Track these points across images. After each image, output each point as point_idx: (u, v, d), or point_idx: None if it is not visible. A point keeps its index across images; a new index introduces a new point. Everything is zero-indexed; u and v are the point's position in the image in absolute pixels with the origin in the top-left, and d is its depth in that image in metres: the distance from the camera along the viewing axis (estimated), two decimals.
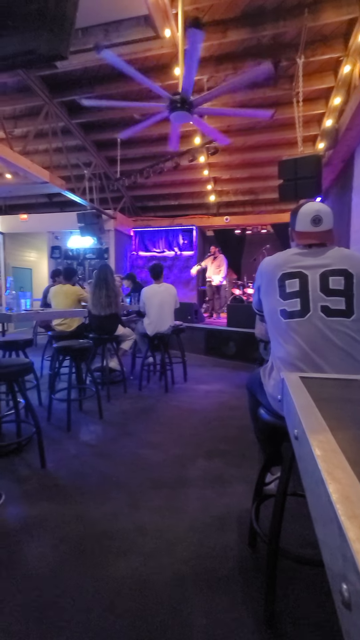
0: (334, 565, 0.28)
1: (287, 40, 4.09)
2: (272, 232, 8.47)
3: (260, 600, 1.16)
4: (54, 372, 3.14)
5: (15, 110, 5.56)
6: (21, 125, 5.72)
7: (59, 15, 2.29)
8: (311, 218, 1.30)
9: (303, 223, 1.32)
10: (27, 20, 2.26)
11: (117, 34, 3.79)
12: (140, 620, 1.10)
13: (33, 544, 1.43)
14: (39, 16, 2.26)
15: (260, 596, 1.17)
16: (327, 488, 0.32)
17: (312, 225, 1.30)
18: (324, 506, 0.32)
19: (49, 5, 2.26)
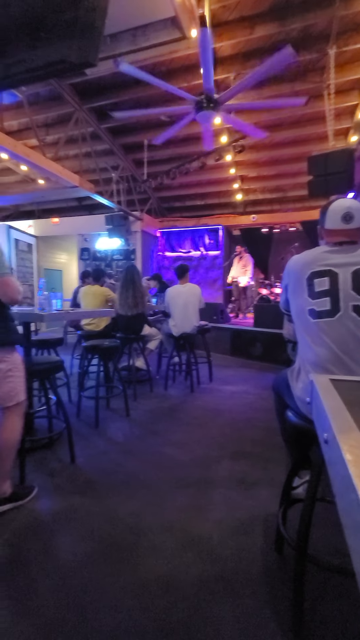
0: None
1: (317, 31, 3.96)
2: (300, 230, 8.24)
3: (287, 607, 1.13)
4: (83, 370, 3.24)
5: (47, 118, 5.79)
6: (53, 132, 5.95)
7: (89, 24, 2.36)
8: (342, 215, 1.25)
9: (333, 220, 1.28)
10: (58, 30, 2.35)
11: (144, 38, 3.85)
12: (166, 617, 1.11)
13: (64, 536, 1.49)
14: (70, 26, 2.33)
15: (286, 603, 1.15)
16: (359, 494, 0.31)
17: (343, 223, 1.25)
18: (355, 513, 0.31)
19: (80, 15, 2.33)
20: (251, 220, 8.17)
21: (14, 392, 1.65)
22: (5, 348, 1.63)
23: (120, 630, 1.07)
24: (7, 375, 1.62)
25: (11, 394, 1.64)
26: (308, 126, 5.64)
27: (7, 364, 1.63)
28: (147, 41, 3.87)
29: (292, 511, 1.40)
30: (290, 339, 1.57)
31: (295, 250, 7.61)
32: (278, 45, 4.17)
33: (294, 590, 1.07)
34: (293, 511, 1.40)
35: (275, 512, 1.41)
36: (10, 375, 1.63)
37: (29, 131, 5.77)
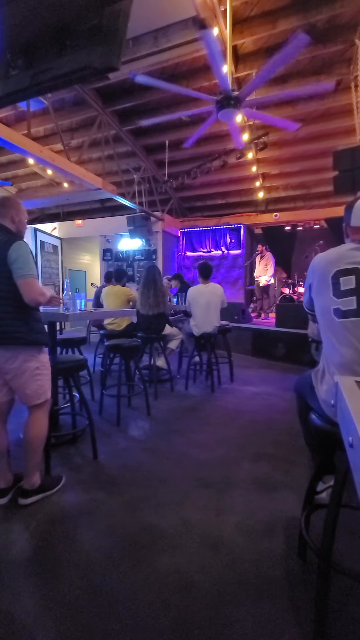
0: None
1: (344, 21, 3.83)
2: (325, 227, 7.99)
3: (309, 614, 1.10)
4: (105, 368, 3.30)
5: (72, 122, 5.94)
6: (77, 136, 6.10)
7: (112, 30, 2.40)
8: None
9: (359, 217, 1.23)
10: (84, 37, 2.40)
11: (165, 39, 3.86)
12: (186, 615, 1.11)
13: (87, 528, 1.52)
14: (95, 32, 2.38)
15: (309, 610, 1.12)
16: None
17: None
18: None
19: (104, 21, 2.37)
20: (273, 219, 8.02)
21: (42, 390, 1.71)
22: (34, 348, 1.69)
23: (140, 623, 1.08)
24: (35, 373, 1.68)
25: (39, 392, 1.70)
26: (334, 120, 5.47)
27: (35, 362, 1.68)
28: (168, 42, 3.89)
29: (316, 516, 1.37)
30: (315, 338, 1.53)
31: (319, 249, 7.40)
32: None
33: (317, 598, 1.05)
34: (316, 516, 1.37)
35: (298, 517, 1.38)
36: (38, 374, 1.69)
37: (55, 136, 5.94)
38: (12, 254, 1.58)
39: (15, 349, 1.63)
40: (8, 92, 2.41)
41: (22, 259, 1.58)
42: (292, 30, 3.98)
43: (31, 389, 1.67)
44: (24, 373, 1.65)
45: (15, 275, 1.57)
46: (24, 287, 1.58)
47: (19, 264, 1.57)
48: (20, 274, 1.57)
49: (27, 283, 1.58)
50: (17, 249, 1.59)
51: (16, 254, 1.58)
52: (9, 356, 1.63)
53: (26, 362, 1.65)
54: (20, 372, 1.64)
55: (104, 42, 2.41)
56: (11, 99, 2.53)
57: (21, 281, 1.57)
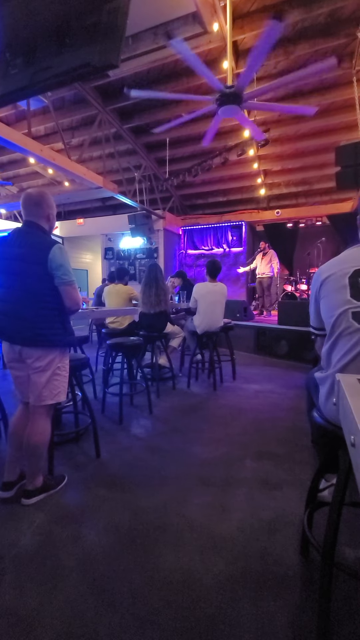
0: None
1: (346, 15, 3.79)
2: (327, 224, 7.95)
3: (311, 612, 1.10)
4: (108, 367, 3.30)
5: (72, 121, 5.93)
6: (78, 135, 6.09)
7: (111, 27, 2.38)
8: None
9: None
10: (82, 35, 2.39)
11: (165, 35, 3.84)
12: (188, 613, 1.11)
13: (89, 526, 1.53)
14: (94, 30, 2.37)
15: (312, 609, 1.12)
16: None
17: None
18: None
19: (102, 19, 2.36)
20: (275, 215, 7.98)
21: (57, 391, 1.71)
22: (62, 348, 1.73)
23: (142, 621, 1.09)
24: (56, 373, 1.70)
25: (54, 392, 1.70)
26: (336, 115, 5.43)
27: (59, 361, 1.71)
28: (168, 39, 3.86)
29: (318, 514, 1.36)
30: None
31: (321, 245, 7.37)
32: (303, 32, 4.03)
33: (319, 596, 1.04)
34: (319, 514, 1.36)
35: (300, 515, 1.37)
36: (58, 374, 1.71)
37: (55, 135, 5.94)
38: (54, 260, 1.62)
39: (47, 349, 1.67)
40: (8, 91, 2.40)
41: (67, 265, 1.66)
42: (293, 25, 3.96)
43: (48, 389, 1.68)
44: (47, 371, 1.67)
45: (60, 282, 1.64)
46: (69, 293, 1.66)
47: (64, 270, 1.63)
48: (66, 280, 1.64)
49: (73, 289, 1.67)
50: (60, 255, 1.64)
51: (60, 260, 1.63)
52: (39, 354, 1.66)
53: (53, 361, 1.68)
54: (44, 370, 1.66)
55: (103, 40, 2.40)
56: (11, 98, 2.52)
57: (67, 287, 1.66)
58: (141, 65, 4.35)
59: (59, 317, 1.69)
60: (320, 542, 1.11)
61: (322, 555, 1.05)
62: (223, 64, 4.27)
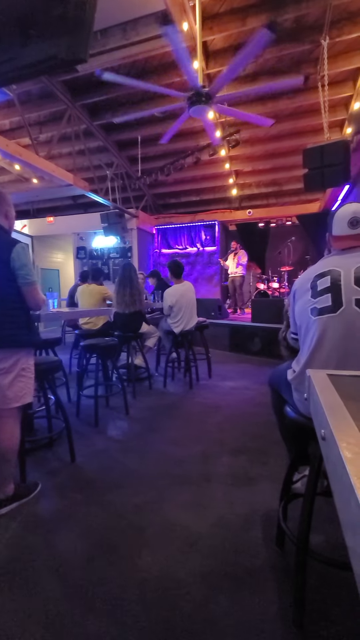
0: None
1: (311, 21, 3.92)
2: (297, 223, 8.21)
3: (289, 601, 1.14)
4: (82, 369, 3.23)
5: (39, 116, 5.73)
6: (46, 130, 5.89)
7: (79, 20, 2.32)
8: (348, 220, 1.23)
9: (340, 226, 1.26)
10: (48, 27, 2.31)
11: (135, 32, 3.80)
12: (167, 612, 1.11)
13: (65, 533, 1.49)
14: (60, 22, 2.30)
15: (289, 597, 1.15)
16: (357, 494, 0.30)
17: (350, 228, 1.23)
18: (353, 513, 0.31)
19: (69, 10, 2.29)
20: (247, 215, 8.14)
21: (22, 393, 1.65)
22: (26, 349, 1.68)
23: (122, 626, 1.07)
24: (21, 374, 1.65)
25: (19, 394, 1.64)
26: (303, 118, 5.61)
27: (23, 363, 1.66)
28: (137, 35, 3.83)
29: (293, 506, 1.41)
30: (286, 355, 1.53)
31: (291, 244, 7.60)
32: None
33: (295, 584, 1.08)
34: (294, 506, 1.41)
35: (276, 507, 1.41)
36: (23, 375, 1.66)
37: (22, 130, 5.71)
38: (18, 259, 1.58)
39: (12, 350, 1.62)
40: None
41: (29, 265, 1.63)
42: (261, 28, 4.04)
43: (13, 391, 1.62)
44: (11, 373, 1.62)
45: (22, 282, 1.61)
46: (31, 294, 1.64)
47: (26, 270, 1.61)
48: (28, 281, 1.62)
49: (35, 289, 1.65)
50: (22, 255, 1.61)
51: (24, 259, 1.60)
52: (3, 355, 1.60)
53: (17, 362, 1.63)
54: (8, 372, 1.61)
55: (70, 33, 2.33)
56: None
57: (29, 288, 1.63)
58: (111, 61, 4.28)
59: (24, 317, 1.66)
60: (295, 533, 1.14)
61: (297, 545, 1.08)
62: (193, 64, 4.28)
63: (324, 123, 4.50)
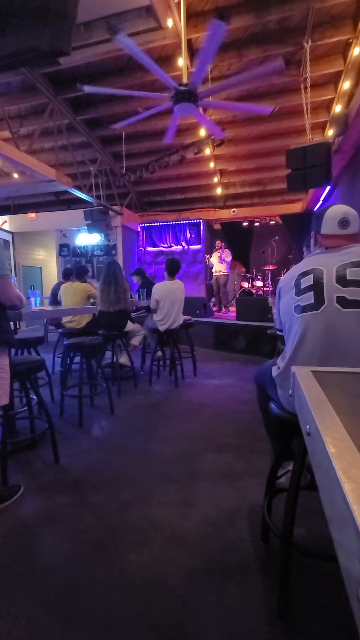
0: (350, 569, 0.27)
1: (294, 24, 3.97)
2: (280, 223, 8.34)
3: (274, 594, 1.15)
4: (65, 368, 3.17)
5: (20, 109, 5.57)
6: (27, 124, 5.74)
7: (60, 11, 2.27)
8: (339, 220, 1.26)
9: (329, 226, 1.29)
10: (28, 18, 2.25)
11: (118, 26, 3.74)
12: (153, 612, 1.11)
13: (48, 537, 1.46)
14: (40, 13, 2.24)
15: (274, 590, 1.17)
16: (343, 488, 0.30)
17: (340, 228, 1.26)
18: (339, 506, 0.31)
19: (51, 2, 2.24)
20: (231, 214, 8.20)
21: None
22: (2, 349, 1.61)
23: (108, 628, 1.06)
24: None
25: None
26: (287, 119, 5.69)
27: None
28: (122, 30, 3.77)
29: (277, 500, 1.43)
30: None
31: (275, 244, 7.71)
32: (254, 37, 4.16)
33: (280, 577, 1.10)
34: (278, 500, 1.43)
35: (261, 502, 1.43)
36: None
37: (1, 122, 5.53)
38: None
39: None
40: None
41: (3, 258, 1.53)
42: (245, 28, 4.06)
43: None
44: None
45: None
46: (3, 287, 1.54)
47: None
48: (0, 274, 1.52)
49: (7, 283, 1.55)
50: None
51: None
52: None
53: None
54: None
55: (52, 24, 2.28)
56: None
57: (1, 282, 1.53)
58: (95, 55, 4.20)
59: None
60: (279, 527, 1.16)
61: (281, 538, 1.10)
62: (178, 61, 4.27)
63: (307, 124, 4.58)
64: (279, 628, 1.05)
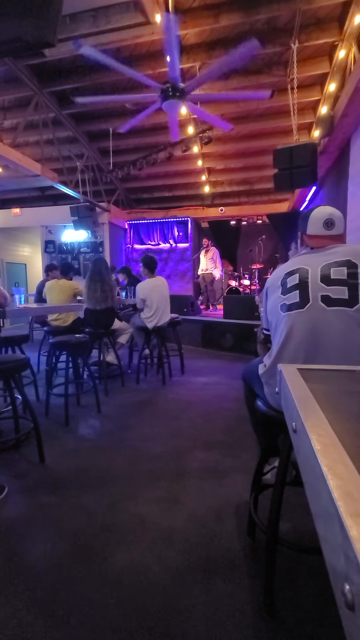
0: (335, 564, 0.27)
1: (281, 24, 4.00)
2: (267, 222, 8.42)
3: (260, 589, 1.17)
4: (51, 367, 3.12)
5: (4, 101, 5.43)
6: (10, 116, 5.59)
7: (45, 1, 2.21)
8: (324, 221, 1.29)
9: (315, 226, 1.31)
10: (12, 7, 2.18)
11: (105, 20, 3.69)
12: (141, 610, 1.11)
13: (34, 538, 1.44)
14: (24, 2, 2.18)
15: (260, 585, 1.19)
16: (328, 484, 0.31)
17: (325, 229, 1.29)
18: (324, 502, 0.31)
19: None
20: (219, 213, 8.23)
21: None
22: None
23: (94, 628, 1.06)
24: None
25: None
26: (274, 119, 5.74)
27: None
28: (108, 24, 3.72)
29: (263, 496, 1.45)
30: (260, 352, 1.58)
31: (262, 242, 7.78)
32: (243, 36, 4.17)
33: (265, 571, 1.11)
34: (264, 496, 1.45)
35: (247, 498, 1.44)
36: None
37: None
38: None
39: None
40: None
41: None
42: (234, 27, 4.07)
43: None
44: None
45: None
46: None
47: None
48: None
49: None
50: None
51: None
52: None
53: None
54: None
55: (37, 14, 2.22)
56: None
57: None
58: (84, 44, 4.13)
59: None
60: (265, 522, 1.18)
61: (267, 533, 1.12)
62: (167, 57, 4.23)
63: (293, 125, 4.63)
64: (264, 622, 1.07)
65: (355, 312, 1.09)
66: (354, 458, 0.35)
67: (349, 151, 4.26)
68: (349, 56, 3.88)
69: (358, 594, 0.22)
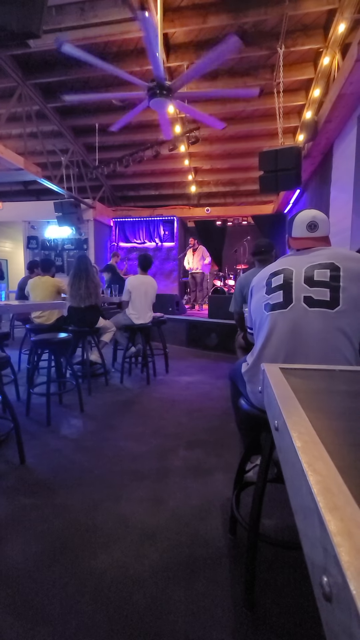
0: (314, 557, 0.28)
1: (269, 28, 4.05)
2: (252, 224, 8.53)
3: (241, 585, 1.19)
4: (33, 366, 3.06)
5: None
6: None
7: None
8: (307, 224, 1.32)
9: (299, 229, 1.34)
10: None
11: (92, 13, 3.64)
12: (123, 610, 1.11)
13: (14, 540, 1.40)
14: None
15: (241, 581, 1.20)
16: (308, 480, 0.32)
17: (308, 231, 1.32)
18: (304, 498, 0.32)
19: None
20: (205, 213, 8.27)
21: None
22: None
23: (75, 631, 1.04)
24: None
25: None
26: (260, 122, 5.81)
27: None
28: (95, 17, 3.67)
29: (245, 494, 1.47)
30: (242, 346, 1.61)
31: (247, 243, 7.87)
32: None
33: (246, 567, 1.13)
34: (246, 494, 1.47)
35: (230, 496, 1.46)
36: None
37: None
38: None
39: None
40: None
41: None
42: (222, 28, 4.09)
43: None
44: None
45: None
46: None
47: None
48: None
49: None
50: None
51: None
52: None
53: None
54: None
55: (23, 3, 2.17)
56: None
57: None
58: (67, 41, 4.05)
59: None
60: (247, 519, 1.20)
61: (248, 530, 1.13)
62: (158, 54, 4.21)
63: (279, 128, 4.71)
64: (245, 617, 1.08)
65: (336, 314, 1.12)
66: (333, 455, 0.36)
67: (331, 157, 4.37)
68: (333, 63, 3.97)
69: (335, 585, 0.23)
